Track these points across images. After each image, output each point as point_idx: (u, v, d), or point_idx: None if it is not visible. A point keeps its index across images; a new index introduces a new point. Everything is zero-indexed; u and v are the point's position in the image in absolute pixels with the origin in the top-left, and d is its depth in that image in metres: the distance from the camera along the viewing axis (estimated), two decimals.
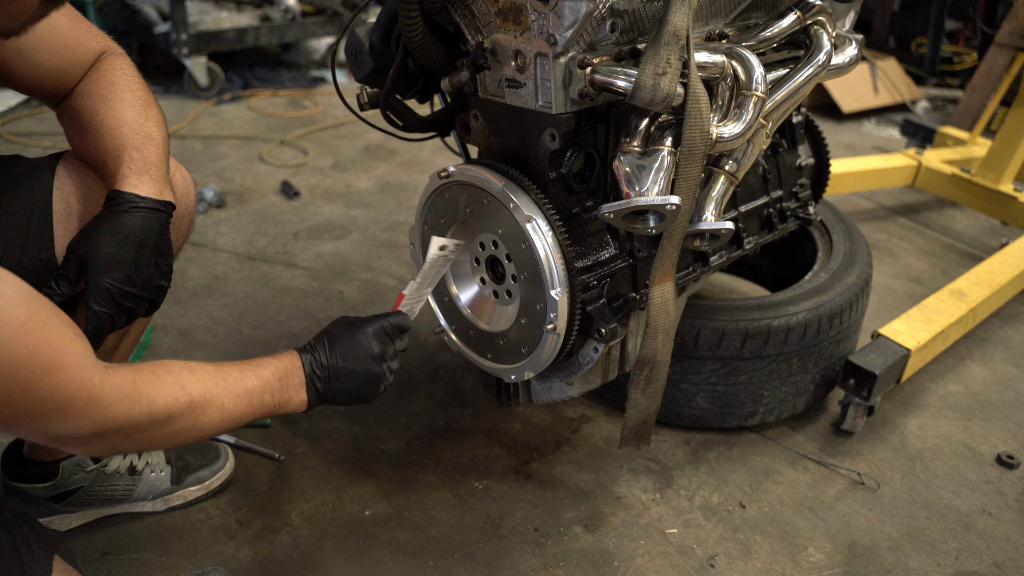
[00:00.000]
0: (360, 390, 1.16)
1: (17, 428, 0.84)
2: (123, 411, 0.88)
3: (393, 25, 1.31)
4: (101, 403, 0.85)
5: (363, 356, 1.15)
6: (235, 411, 1.03)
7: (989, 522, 1.62)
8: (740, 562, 1.49)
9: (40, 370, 0.78)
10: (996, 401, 2.01)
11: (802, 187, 1.75)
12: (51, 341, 0.78)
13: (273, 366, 1.09)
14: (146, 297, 1.08)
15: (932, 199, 3.30)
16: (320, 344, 1.15)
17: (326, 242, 2.63)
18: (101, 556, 1.42)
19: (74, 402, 0.82)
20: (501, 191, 1.22)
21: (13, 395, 0.77)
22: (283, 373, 1.09)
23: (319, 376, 1.12)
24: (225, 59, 4.41)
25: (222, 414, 1.01)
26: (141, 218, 1.06)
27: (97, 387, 0.84)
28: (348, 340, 1.15)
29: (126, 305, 1.05)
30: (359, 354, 1.14)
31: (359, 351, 1.15)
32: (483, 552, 1.47)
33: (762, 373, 1.70)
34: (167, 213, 1.10)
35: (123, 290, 1.03)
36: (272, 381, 1.08)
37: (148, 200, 1.08)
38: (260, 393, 1.06)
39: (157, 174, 1.11)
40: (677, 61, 1.07)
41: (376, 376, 1.16)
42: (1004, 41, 3.34)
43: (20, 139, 3.30)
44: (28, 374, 0.77)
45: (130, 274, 1.04)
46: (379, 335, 1.17)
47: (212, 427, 1.00)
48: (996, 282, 2.17)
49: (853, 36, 1.47)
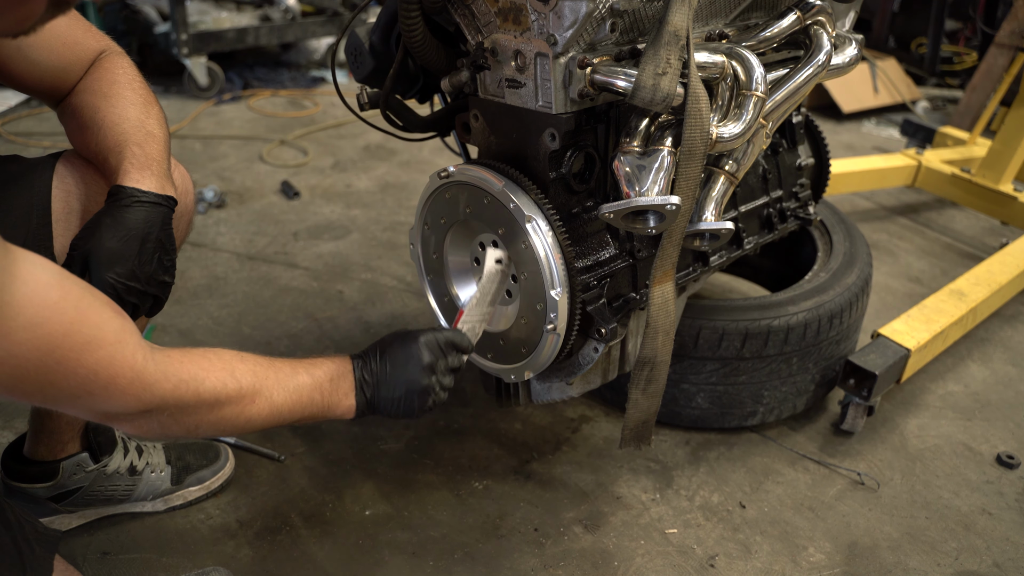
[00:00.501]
0: (407, 400, 1.12)
1: (67, 406, 0.85)
2: (169, 389, 0.88)
3: (393, 25, 1.31)
4: (146, 380, 0.86)
5: (412, 365, 1.12)
6: (284, 405, 1.02)
7: (989, 522, 1.62)
8: (740, 562, 1.49)
9: (79, 348, 0.78)
10: (996, 401, 2.01)
11: (802, 187, 1.75)
12: (86, 319, 0.79)
13: (325, 366, 1.08)
14: (150, 293, 1.07)
15: (932, 199, 3.30)
16: (372, 351, 1.14)
17: (326, 242, 2.63)
18: (101, 556, 1.42)
19: (118, 379, 0.83)
20: (501, 191, 1.22)
21: (55, 373, 0.78)
22: (335, 375, 1.08)
23: (367, 382, 1.11)
24: (225, 59, 4.41)
25: (271, 407, 1.00)
26: (144, 212, 1.06)
27: (140, 364, 0.85)
28: (399, 349, 1.13)
29: (130, 301, 1.05)
30: (408, 363, 1.12)
31: (409, 360, 1.12)
32: (483, 552, 1.47)
33: (762, 373, 1.70)
34: (169, 208, 1.10)
35: (127, 285, 1.03)
36: (324, 381, 1.07)
37: (150, 195, 1.08)
38: (310, 391, 1.05)
39: (159, 170, 1.11)
40: (677, 61, 1.07)
41: (424, 388, 1.12)
42: (1004, 41, 3.34)
43: (20, 139, 3.30)
44: (67, 352, 0.78)
45: (134, 269, 1.04)
46: (431, 346, 1.14)
47: (260, 419, 1.00)
48: (996, 282, 2.17)
49: (853, 36, 1.47)
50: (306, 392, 1.04)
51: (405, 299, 2.30)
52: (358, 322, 2.17)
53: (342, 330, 2.13)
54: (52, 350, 0.76)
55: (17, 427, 1.69)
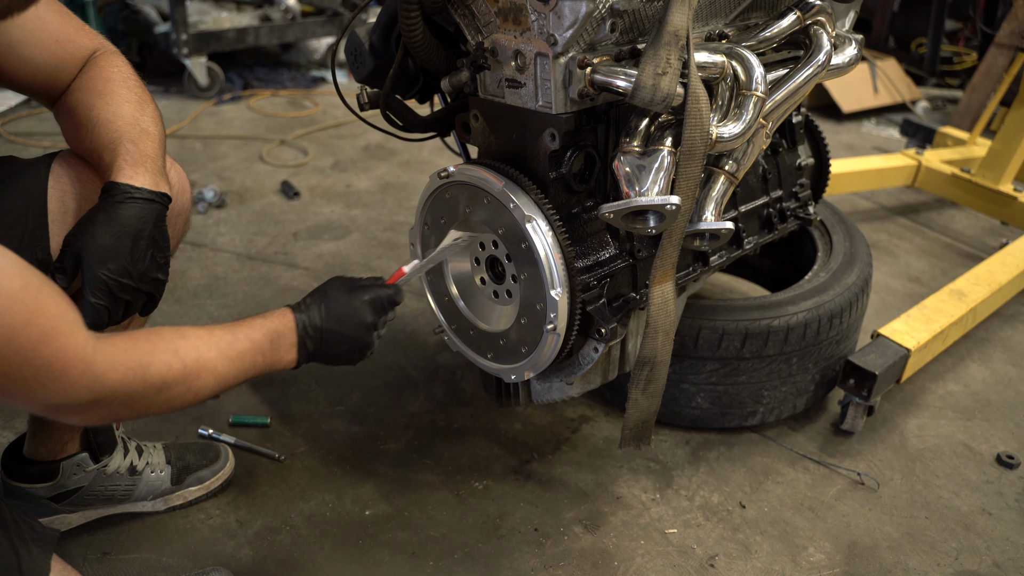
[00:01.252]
0: (348, 355, 1.18)
1: (15, 397, 0.84)
2: (118, 379, 0.88)
3: (393, 25, 1.31)
4: (96, 371, 0.85)
5: (357, 324, 1.16)
6: (228, 374, 1.03)
7: (989, 522, 1.62)
8: (740, 562, 1.49)
9: (37, 338, 0.78)
10: (996, 401, 2.01)
11: (802, 187, 1.75)
12: (46, 310, 0.79)
13: (264, 328, 1.09)
14: (143, 290, 1.07)
15: (932, 199, 3.30)
16: (316, 304, 1.16)
17: (326, 242, 2.63)
18: (101, 556, 1.42)
19: (70, 370, 0.83)
20: (501, 191, 1.22)
21: (11, 363, 0.77)
22: (275, 335, 1.10)
23: (311, 336, 1.13)
24: (225, 59, 4.41)
25: (216, 378, 1.01)
26: (137, 209, 1.06)
27: (91, 355, 0.85)
28: (344, 305, 1.17)
29: (123, 298, 1.05)
30: (353, 321, 1.16)
31: (354, 318, 1.16)
32: (483, 552, 1.47)
33: (762, 373, 1.70)
34: (163, 205, 1.10)
35: (119, 282, 1.03)
36: (263, 343, 1.08)
37: (144, 191, 1.08)
38: (252, 355, 1.06)
39: (153, 167, 1.11)
40: (677, 61, 1.07)
41: (365, 344, 1.19)
42: (1004, 41, 3.34)
43: (20, 139, 3.30)
44: (25, 342, 0.77)
45: (126, 266, 1.04)
46: (375, 305, 1.19)
47: (206, 391, 1.01)
48: (996, 282, 2.17)
49: (853, 36, 1.47)
50: (248, 357, 1.06)
51: (405, 299, 2.29)
52: None
53: None
54: (11, 340, 0.76)
55: (17, 427, 1.69)
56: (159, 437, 1.68)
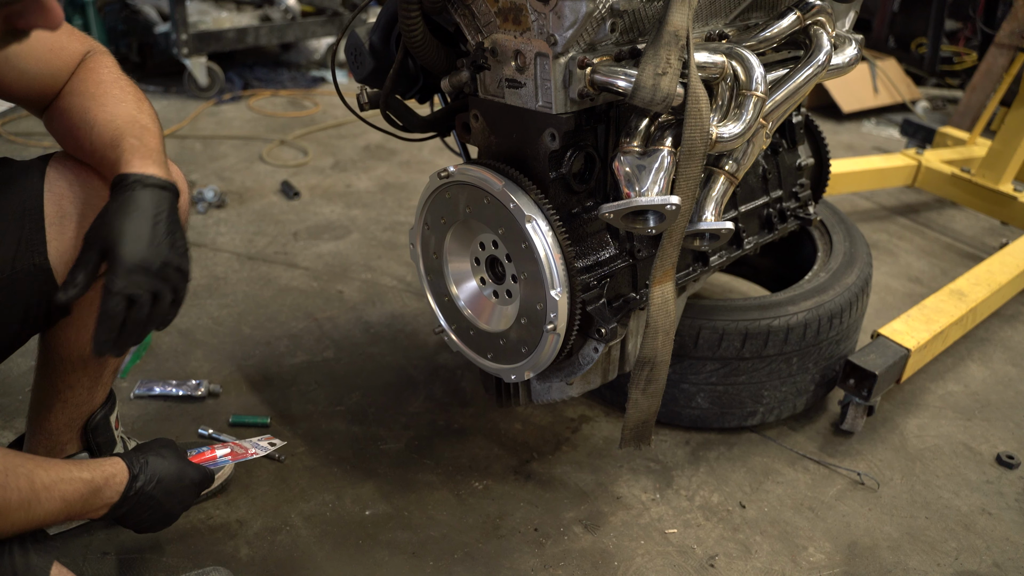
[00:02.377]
0: (151, 525, 1.21)
1: None
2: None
3: (393, 25, 1.31)
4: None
5: (176, 504, 1.21)
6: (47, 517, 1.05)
7: (989, 522, 1.62)
8: (740, 562, 1.49)
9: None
10: (996, 401, 2.01)
11: (802, 187, 1.75)
12: None
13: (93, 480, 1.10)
14: (168, 281, 1.05)
15: (932, 199, 3.30)
16: (149, 478, 1.17)
17: (326, 242, 2.63)
18: (101, 556, 1.42)
19: None
20: (501, 191, 1.22)
21: None
22: (100, 486, 1.12)
23: (128, 502, 1.15)
24: (225, 59, 4.41)
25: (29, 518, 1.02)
26: (151, 195, 1.05)
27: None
28: (174, 482, 1.20)
29: (145, 287, 1.02)
30: (174, 504, 1.21)
31: (176, 503, 1.21)
32: (483, 552, 1.47)
33: (762, 373, 1.70)
34: (175, 194, 1.10)
35: (143, 266, 1.01)
36: (87, 494, 1.10)
37: (155, 179, 1.07)
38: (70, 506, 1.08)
39: (159, 159, 1.10)
40: (677, 61, 1.07)
41: (174, 519, 1.23)
42: (1004, 41, 3.34)
43: (20, 139, 3.31)
44: None
45: (148, 254, 1.02)
46: (201, 487, 1.25)
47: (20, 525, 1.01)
48: (996, 282, 2.17)
49: (853, 36, 1.47)
50: (67, 508, 1.07)
51: (405, 299, 2.30)
52: (358, 322, 2.17)
53: (342, 330, 2.13)
54: None
55: (17, 427, 1.69)
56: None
